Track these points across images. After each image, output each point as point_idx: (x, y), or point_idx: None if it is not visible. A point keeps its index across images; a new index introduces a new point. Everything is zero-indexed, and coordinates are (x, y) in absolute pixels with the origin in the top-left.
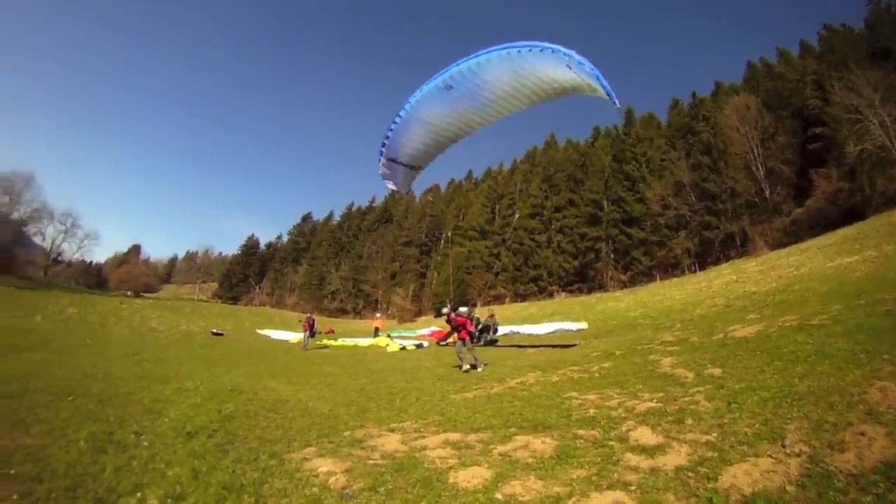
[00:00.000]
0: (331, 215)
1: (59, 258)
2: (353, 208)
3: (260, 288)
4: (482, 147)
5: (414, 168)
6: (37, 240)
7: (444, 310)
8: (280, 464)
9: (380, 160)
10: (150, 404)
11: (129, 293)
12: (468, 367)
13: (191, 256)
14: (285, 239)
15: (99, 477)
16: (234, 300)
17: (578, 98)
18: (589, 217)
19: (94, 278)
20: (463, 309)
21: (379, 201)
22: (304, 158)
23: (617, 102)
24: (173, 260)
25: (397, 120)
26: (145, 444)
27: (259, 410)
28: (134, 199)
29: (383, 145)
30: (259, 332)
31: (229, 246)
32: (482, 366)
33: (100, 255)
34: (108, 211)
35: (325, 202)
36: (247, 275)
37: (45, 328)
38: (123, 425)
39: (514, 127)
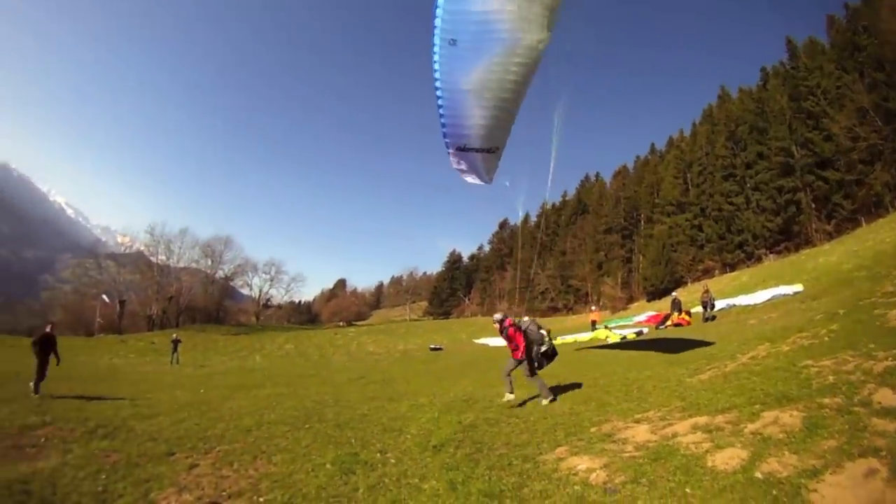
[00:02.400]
0: (527, 217)
1: (269, 303)
2: (548, 206)
3: (469, 299)
4: (654, 115)
5: (490, 151)
6: (244, 291)
7: (497, 316)
8: (535, 466)
9: (448, 153)
10: (388, 423)
11: (341, 323)
12: (510, 396)
13: (396, 280)
14: (486, 248)
15: (353, 497)
16: (446, 315)
17: (735, 39)
18: (781, 167)
19: (305, 315)
20: (525, 319)
21: (571, 194)
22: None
23: None
24: (379, 287)
25: (440, 101)
26: (392, 461)
27: (499, 417)
28: (335, 239)
29: (444, 135)
30: (476, 341)
31: (432, 264)
32: (548, 399)
33: (307, 294)
34: (312, 254)
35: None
36: (454, 289)
37: (266, 365)
38: (367, 446)
39: (683, 86)
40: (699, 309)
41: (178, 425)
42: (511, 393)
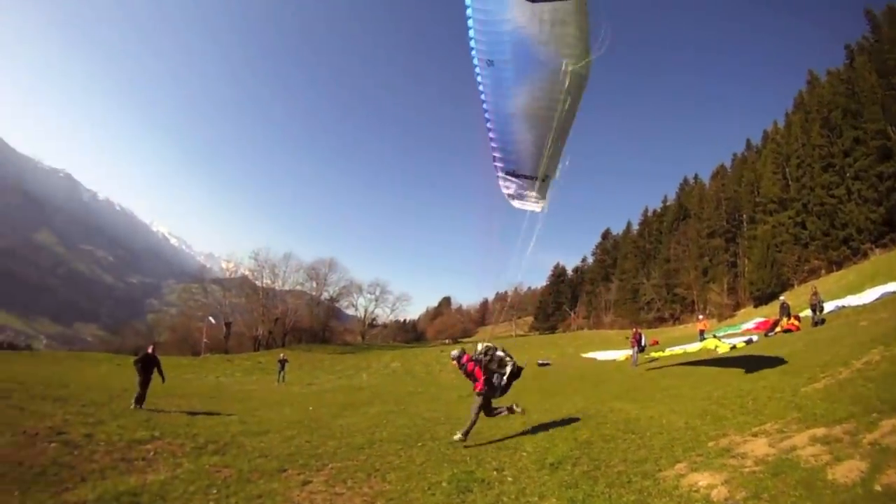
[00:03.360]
0: (629, 226)
1: (374, 322)
2: (649, 213)
3: (575, 313)
4: (747, 109)
5: (540, 179)
6: (349, 311)
7: (454, 353)
8: (655, 483)
9: (497, 178)
10: (502, 440)
11: (447, 341)
12: (459, 435)
13: (501, 296)
14: (590, 260)
15: None
16: (552, 329)
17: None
18: (879, 152)
19: (410, 334)
20: (480, 346)
21: (671, 199)
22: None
23: None
24: (484, 303)
25: (488, 124)
26: (510, 479)
27: (615, 433)
28: (439, 258)
29: (493, 158)
30: (583, 355)
31: (537, 279)
32: (460, 435)
33: (413, 312)
34: (416, 273)
35: (621, 214)
36: (560, 302)
37: (373, 383)
38: (482, 464)
39: (773, 75)
40: (808, 312)
41: (289, 442)
42: (464, 435)
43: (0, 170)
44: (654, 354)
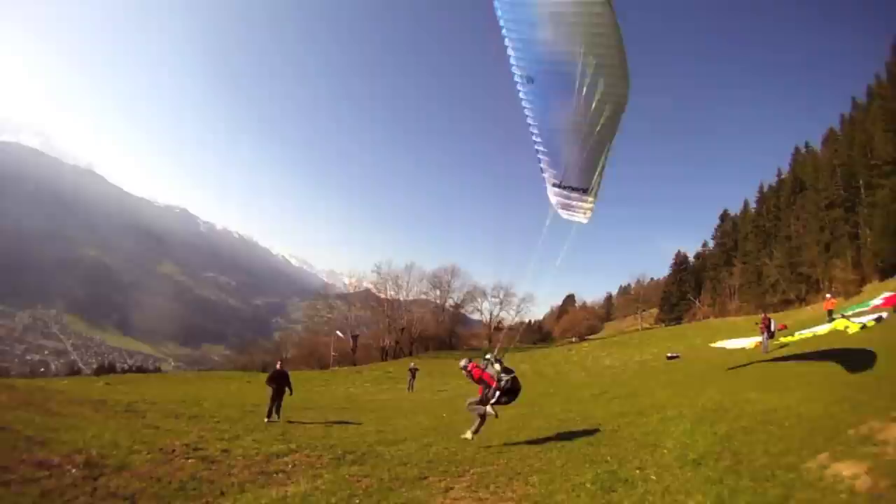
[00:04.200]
0: (746, 205)
1: (500, 325)
2: (765, 189)
3: (699, 301)
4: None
5: (585, 191)
6: (474, 316)
7: (462, 363)
8: (799, 476)
9: (546, 188)
10: (641, 438)
11: (573, 339)
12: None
13: (625, 290)
14: (711, 245)
15: None
16: (678, 320)
17: None
18: None
19: (536, 334)
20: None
21: (786, 171)
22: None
23: None
24: (608, 298)
25: (534, 137)
26: (653, 477)
27: (753, 425)
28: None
29: (541, 170)
30: (712, 345)
31: (659, 269)
32: (473, 434)
33: (538, 313)
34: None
35: (737, 193)
36: (684, 292)
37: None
38: (623, 463)
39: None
40: None
41: (427, 449)
42: (474, 432)
43: (119, 212)
44: (783, 340)
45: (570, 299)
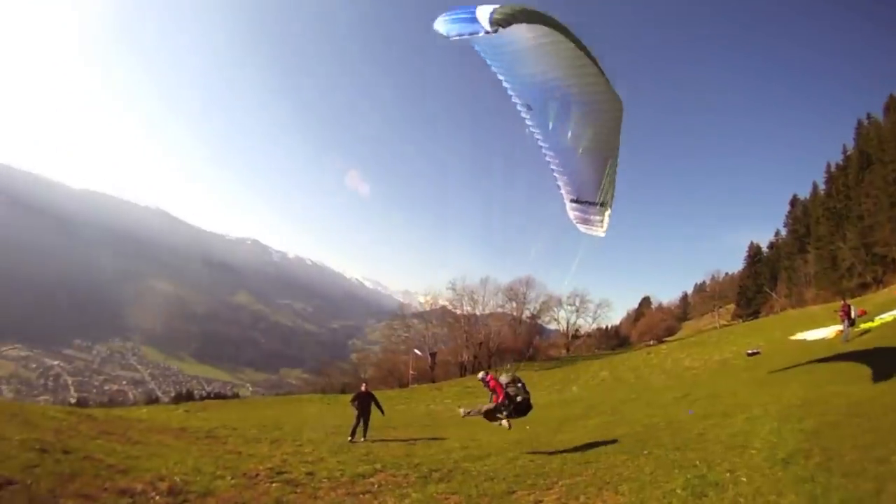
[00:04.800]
0: (815, 187)
1: (577, 333)
2: (832, 168)
3: (776, 293)
4: None
5: (601, 205)
6: (551, 326)
7: (480, 375)
8: (889, 468)
9: (565, 205)
10: (728, 440)
11: (651, 342)
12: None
13: (700, 287)
14: (783, 233)
15: None
16: (755, 314)
17: None
18: None
19: (614, 340)
20: (504, 377)
21: (851, 149)
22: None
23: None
24: (684, 297)
25: (547, 158)
26: (743, 479)
27: (840, 419)
28: (634, 261)
29: (558, 187)
30: (791, 338)
31: (733, 263)
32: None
33: (614, 318)
34: (613, 278)
35: (806, 176)
36: (760, 284)
37: (584, 395)
38: (713, 466)
39: None
40: None
41: (513, 463)
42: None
43: (192, 248)
44: (863, 326)
45: (645, 301)
